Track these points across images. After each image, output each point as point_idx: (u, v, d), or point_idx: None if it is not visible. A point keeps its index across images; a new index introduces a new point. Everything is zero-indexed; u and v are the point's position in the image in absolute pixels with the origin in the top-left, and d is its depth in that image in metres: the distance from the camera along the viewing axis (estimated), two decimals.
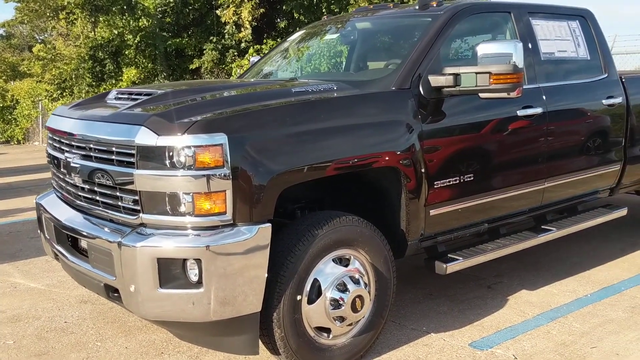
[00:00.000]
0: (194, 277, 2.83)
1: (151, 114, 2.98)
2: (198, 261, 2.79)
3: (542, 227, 4.45)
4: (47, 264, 5.21)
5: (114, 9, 13.44)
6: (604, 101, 4.68)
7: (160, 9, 14.32)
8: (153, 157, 2.83)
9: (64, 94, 15.04)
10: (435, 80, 3.56)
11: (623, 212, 4.99)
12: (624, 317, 3.96)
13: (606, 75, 4.81)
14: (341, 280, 3.19)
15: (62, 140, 3.46)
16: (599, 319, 3.95)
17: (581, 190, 4.70)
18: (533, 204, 4.32)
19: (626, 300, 4.26)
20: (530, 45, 4.25)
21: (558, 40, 4.55)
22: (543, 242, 4.35)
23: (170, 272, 2.84)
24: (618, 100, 4.77)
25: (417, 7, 4.23)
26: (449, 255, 3.83)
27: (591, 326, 3.84)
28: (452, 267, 3.72)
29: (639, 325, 3.83)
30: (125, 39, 14.23)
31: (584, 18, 4.83)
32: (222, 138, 2.79)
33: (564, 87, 4.46)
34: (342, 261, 3.27)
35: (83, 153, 3.23)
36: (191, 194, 2.80)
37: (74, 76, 14.45)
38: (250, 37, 13.07)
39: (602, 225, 4.91)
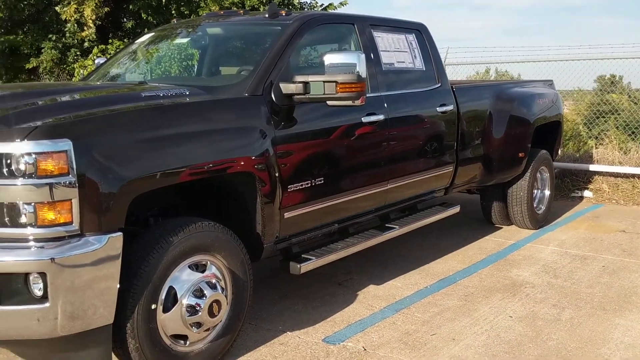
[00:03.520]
0: (38, 292, 2.67)
1: None
2: (42, 275, 2.64)
3: (387, 225, 4.77)
4: None
5: None
6: (437, 108, 5.12)
7: None
8: None
9: None
10: (286, 88, 3.68)
11: (456, 209, 5.50)
12: (459, 305, 4.38)
13: (439, 84, 5.27)
14: (198, 286, 3.19)
15: None
16: (437, 307, 4.33)
17: (420, 190, 5.10)
18: (378, 204, 4.62)
19: (460, 289, 4.71)
20: (372, 56, 4.53)
21: (397, 51, 4.91)
22: (388, 239, 4.67)
23: (10, 287, 2.66)
24: (450, 107, 5.24)
25: (267, 15, 4.34)
26: (302, 255, 3.98)
27: (431, 315, 4.20)
28: (305, 267, 3.87)
29: (471, 312, 4.25)
30: None
31: (420, 32, 5.25)
32: (66, 144, 2.67)
33: (403, 95, 4.82)
34: (199, 267, 3.27)
35: None
36: (33, 204, 2.64)
37: None
38: (95, 37, 12.37)
39: (439, 221, 5.38)
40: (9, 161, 2.62)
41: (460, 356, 3.58)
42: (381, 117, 4.39)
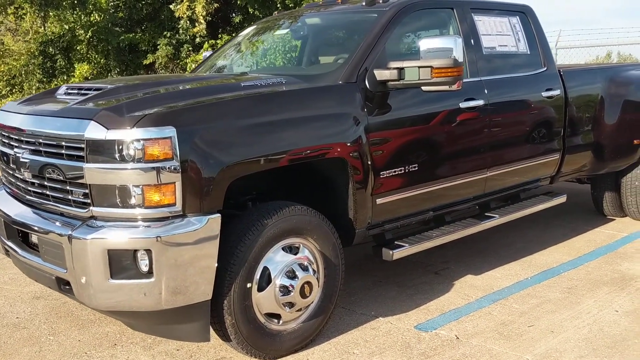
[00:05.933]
0: (144, 268, 2.89)
1: (100, 109, 3.02)
2: (148, 252, 2.85)
3: (486, 214, 4.64)
4: None
5: (64, 3, 13.16)
6: (543, 93, 4.90)
7: (112, 3, 14.10)
8: (103, 150, 2.88)
9: (14, 90, 14.66)
10: (380, 74, 3.69)
11: (563, 199, 5.24)
12: (561, 298, 4.19)
13: (545, 68, 5.03)
14: (290, 267, 3.30)
15: (11, 136, 3.46)
16: (537, 299, 4.17)
17: (523, 178, 4.91)
18: (477, 192, 4.51)
19: (564, 281, 4.50)
20: (472, 41, 4.42)
21: (499, 35, 4.74)
22: (486, 228, 4.54)
23: (121, 263, 2.90)
24: (557, 92, 4.99)
25: (364, 4, 4.36)
26: (396, 242, 3.98)
27: (530, 306, 4.05)
28: (398, 254, 3.87)
29: (574, 305, 4.06)
30: (77, 34, 13.97)
31: (524, 14, 5.04)
32: (171, 131, 2.86)
33: (505, 80, 4.66)
34: (292, 249, 3.38)
35: (32, 148, 3.25)
36: (141, 187, 2.86)
37: (23, 72, 14.10)
38: (205, 32, 13.00)
39: (544, 211, 5.16)
40: (120, 147, 2.84)
41: (558, 349, 3.44)
42: (481, 102, 4.28)
